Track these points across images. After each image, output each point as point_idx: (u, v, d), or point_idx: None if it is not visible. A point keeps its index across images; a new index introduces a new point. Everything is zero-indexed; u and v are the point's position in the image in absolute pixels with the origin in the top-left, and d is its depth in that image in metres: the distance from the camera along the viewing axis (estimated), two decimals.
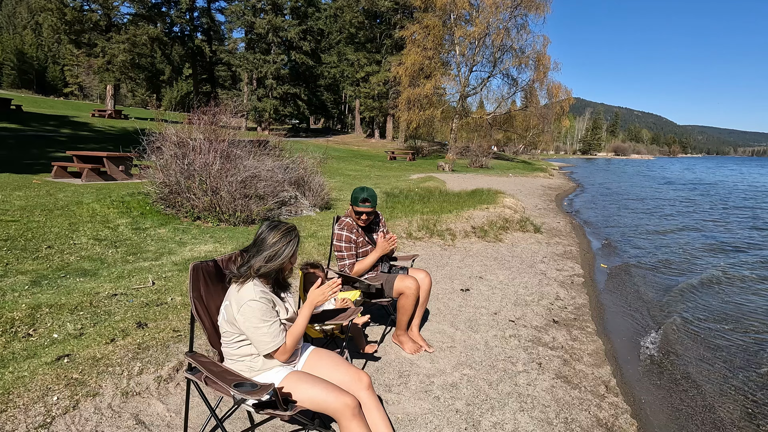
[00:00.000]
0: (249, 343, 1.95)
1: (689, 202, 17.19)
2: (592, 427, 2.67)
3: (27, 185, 7.61)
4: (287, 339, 1.97)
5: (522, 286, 5.22)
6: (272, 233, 2.00)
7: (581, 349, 3.74)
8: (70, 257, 4.47)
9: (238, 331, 1.93)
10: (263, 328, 1.89)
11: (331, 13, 44.60)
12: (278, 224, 2.05)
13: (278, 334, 1.93)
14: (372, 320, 3.90)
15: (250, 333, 1.90)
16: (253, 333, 1.89)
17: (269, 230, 2.02)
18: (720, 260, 7.69)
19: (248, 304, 1.87)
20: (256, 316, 1.88)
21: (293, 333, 1.99)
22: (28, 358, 2.61)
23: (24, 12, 71.49)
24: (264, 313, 1.89)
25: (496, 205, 9.50)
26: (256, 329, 1.88)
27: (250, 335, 1.90)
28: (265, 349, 1.91)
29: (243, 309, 1.88)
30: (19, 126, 18.51)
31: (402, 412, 2.63)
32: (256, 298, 1.89)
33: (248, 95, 39.63)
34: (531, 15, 31.02)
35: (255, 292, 1.90)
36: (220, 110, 7.49)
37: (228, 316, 1.94)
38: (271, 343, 1.90)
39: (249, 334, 1.91)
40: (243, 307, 1.88)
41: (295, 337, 1.99)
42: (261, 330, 1.89)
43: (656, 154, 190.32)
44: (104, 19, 30.13)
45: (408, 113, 31.04)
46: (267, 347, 1.91)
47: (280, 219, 2.10)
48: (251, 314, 1.87)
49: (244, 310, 1.87)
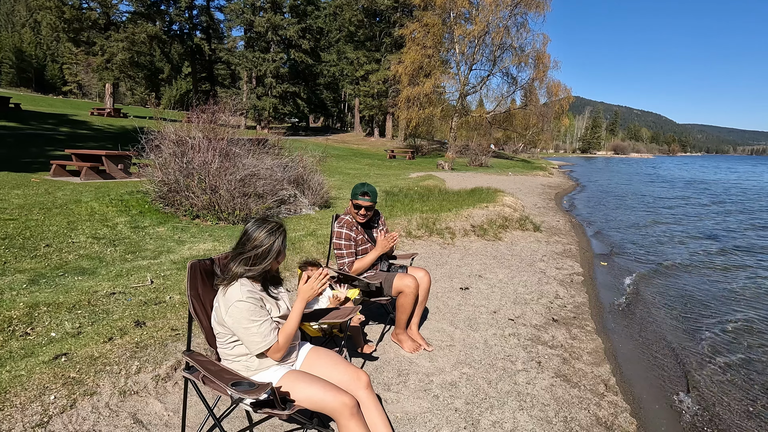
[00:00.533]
0: (242, 343, 1.94)
1: (686, 200, 17.27)
2: (592, 425, 2.66)
3: (25, 184, 7.59)
4: (280, 337, 1.95)
5: (521, 285, 5.22)
6: (258, 231, 1.94)
7: (581, 347, 3.73)
8: (68, 256, 4.46)
9: (230, 332, 1.92)
10: (252, 328, 1.87)
11: (331, 12, 44.51)
12: (262, 223, 1.98)
13: (269, 333, 1.90)
14: (371, 319, 3.90)
15: (241, 334, 1.88)
16: (243, 333, 1.88)
17: (255, 228, 1.95)
18: (718, 256, 7.70)
19: (235, 305, 1.85)
20: (244, 316, 1.85)
21: (286, 330, 1.97)
22: (25, 357, 2.60)
23: (23, 10, 71.29)
24: (252, 312, 1.87)
25: (495, 204, 9.49)
26: (246, 330, 1.87)
27: (241, 336, 1.89)
28: (257, 349, 1.90)
29: (230, 310, 1.86)
30: (17, 124, 18.47)
31: (401, 411, 2.62)
32: (242, 298, 1.86)
33: (247, 94, 39.55)
34: (531, 13, 31.05)
35: (242, 293, 1.87)
36: (219, 109, 7.47)
37: (218, 317, 1.93)
38: (262, 342, 1.89)
39: (239, 335, 1.89)
40: (230, 309, 1.86)
41: (287, 335, 1.96)
42: (250, 330, 1.87)
43: (656, 152, 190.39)
44: (103, 18, 30.06)
45: (407, 112, 31.01)
46: (258, 347, 1.89)
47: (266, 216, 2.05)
48: (239, 315, 1.85)
49: (232, 312, 1.86)
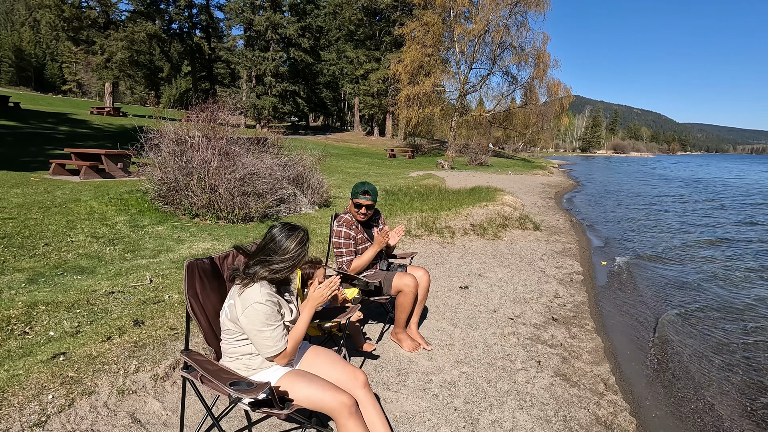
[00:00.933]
0: (249, 343, 1.93)
1: (683, 198, 17.30)
2: (591, 424, 2.66)
3: (25, 182, 7.58)
4: (288, 344, 1.94)
5: (521, 284, 5.21)
6: (287, 241, 1.92)
7: (580, 346, 3.73)
8: (67, 255, 4.45)
9: (240, 330, 1.91)
10: (266, 332, 1.86)
11: (330, 10, 44.39)
12: (292, 231, 1.95)
13: (281, 338, 1.90)
14: (370, 318, 3.89)
15: (253, 336, 1.87)
16: (255, 336, 1.87)
17: (284, 237, 1.93)
18: (717, 253, 7.70)
19: (254, 306, 1.84)
20: (260, 319, 1.84)
21: (294, 337, 1.97)
22: (23, 356, 2.59)
23: (22, 9, 71.21)
24: (269, 317, 1.86)
25: (495, 203, 9.48)
26: (259, 332, 1.85)
27: (253, 338, 1.88)
28: (267, 353, 1.89)
29: (248, 311, 1.84)
30: (17, 123, 18.45)
31: (400, 410, 2.62)
32: (262, 301, 1.84)
33: (247, 93, 39.49)
34: (531, 12, 30.95)
35: (261, 295, 1.85)
36: (218, 107, 7.46)
37: (231, 315, 1.90)
38: (273, 347, 1.88)
39: (251, 336, 1.88)
40: (248, 309, 1.84)
41: (296, 342, 1.97)
42: (264, 334, 1.86)
43: (656, 151, 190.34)
44: (102, 16, 30.02)
45: (407, 111, 30.96)
46: (268, 351, 1.88)
47: (291, 223, 2.03)
48: (255, 317, 1.84)
49: (249, 313, 1.84)
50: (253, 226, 6.32)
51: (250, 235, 5.69)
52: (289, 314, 2.00)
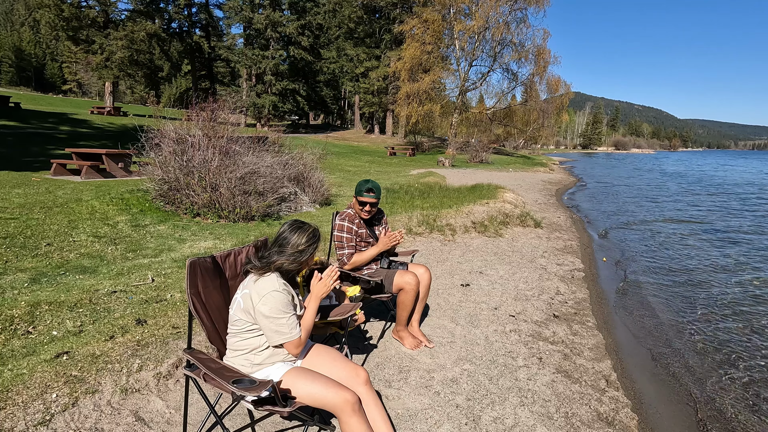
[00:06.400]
0: (258, 335, 1.96)
1: (687, 193, 17.25)
2: (593, 421, 2.66)
3: (26, 183, 7.59)
4: (302, 332, 2.00)
5: (522, 281, 5.21)
6: (297, 235, 2.04)
7: (582, 343, 3.73)
8: (69, 254, 4.46)
9: (252, 320, 1.95)
10: (283, 319, 1.92)
11: (330, 8, 44.28)
12: (303, 226, 2.08)
13: (296, 326, 1.97)
14: (372, 316, 3.90)
15: (269, 323, 1.91)
16: (271, 323, 1.91)
17: (294, 232, 2.06)
18: (718, 250, 7.68)
19: (272, 294, 1.91)
20: (278, 307, 1.91)
21: (305, 327, 2.04)
22: (27, 355, 2.60)
23: (21, 9, 71.17)
24: (285, 305, 1.94)
25: (496, 200, 9.47)
26: (276, 320, 1.91)
27: (268, 325, 1.92)
28: (282, 339, 1.93)
29: (266, 298, 1.90)
30: (18, 123, 18.46)
31: (402, 408, 2.63)
32: (279, 289, 1.93)
33: (247, 91, 39.47)
34: (531, 8, 30.93)
35: (278, 284, 1.95)
36: (218, 106, 7.45)
37: (245, 305, 1.95)
38: (288, 334, 1.93)
39: (266, 324, 1.92)
40: (266, 297, 1.90)
41: (307, 331, 2.03)
42: (280, 321, 1.92)
43: (657, 148, 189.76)
44: (102, 16, 30.02)
45: (407, 108, 30.94)
46: (284, 337, 1.93)
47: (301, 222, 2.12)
48: (273, 304, 1.90)
49: (267, 300, 1.90)
50: (255, 224, 6.32)
51: (251, 234, 5.69)
52: (299, 308, 2.07)
